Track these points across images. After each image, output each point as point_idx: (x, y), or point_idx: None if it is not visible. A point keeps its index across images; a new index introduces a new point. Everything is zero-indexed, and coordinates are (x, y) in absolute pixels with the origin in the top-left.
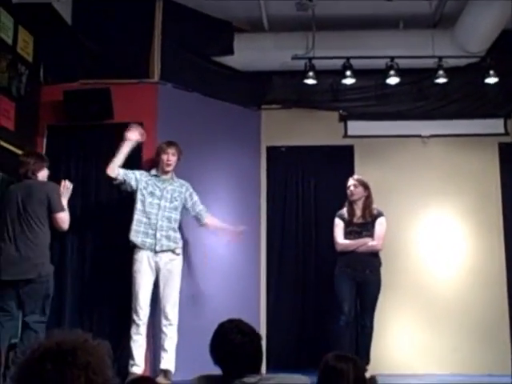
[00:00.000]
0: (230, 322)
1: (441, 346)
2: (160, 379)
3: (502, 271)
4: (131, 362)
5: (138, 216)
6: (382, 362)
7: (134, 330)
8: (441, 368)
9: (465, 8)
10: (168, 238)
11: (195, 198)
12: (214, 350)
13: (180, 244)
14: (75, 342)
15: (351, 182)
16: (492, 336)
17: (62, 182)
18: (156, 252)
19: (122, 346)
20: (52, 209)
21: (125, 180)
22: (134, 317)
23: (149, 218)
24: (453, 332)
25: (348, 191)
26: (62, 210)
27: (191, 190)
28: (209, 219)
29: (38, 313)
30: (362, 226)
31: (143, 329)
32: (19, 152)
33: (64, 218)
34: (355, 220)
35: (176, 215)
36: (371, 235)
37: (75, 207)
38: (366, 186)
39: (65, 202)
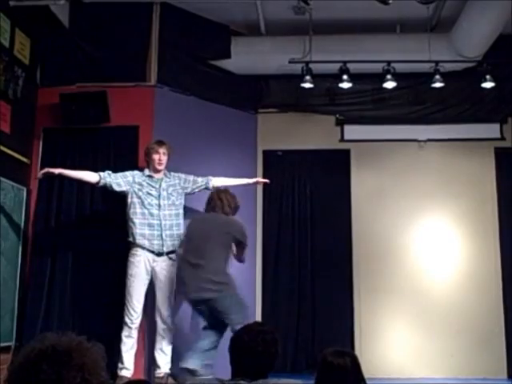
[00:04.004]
0: (258, 327)
1: (436, 350)
2: (171, 382)
3: (497, 275)
4: (120, 365)
5: (139, 220)
6: (377, 365)
7: (125, 332)
8: (436, 372)
9: (462, 12)
10: (172, 236)
11: (190, 177)
12: (236, 352)
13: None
14: (70, 344)
15: None
16: (487, 340)
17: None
18: (161, 254)
19: (114, 349)
20: None
21: (107, 186)
22: (127, 320)
23: (152, 219)
24: (448, 336)
25: None
26: None
27: (183, 175)
28: (215, 181)
29: None
30: None
31: (135, 332)
32: (15, 155)
33: None
34: None
35: (177, 210)
36: None
37: (70, 210)
38: None
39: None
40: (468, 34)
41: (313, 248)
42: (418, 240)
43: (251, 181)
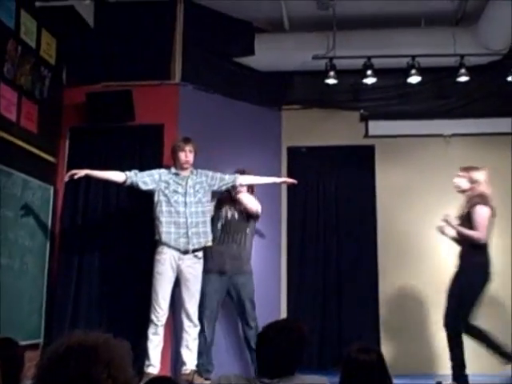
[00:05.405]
0: (285, 324)
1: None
2: (197, 379)
3: None
4: (147, 362)
5: (165, 218)
6: (403, 362)
7: (151, 330)
8: None
9: (487, 5)
10: (198, 234)
11: (217, 175)
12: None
13: (210, 237)
14: (96, 340)
15: None
16: None
17: None
18: (187, 252)
19: (140, 346)
20: None
21: (134, 185)
22: (153, 317)
23: (178, 217)
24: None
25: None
26: None
27: (210, 173)
28: (242, 179)
29: None
30: None
31: (161, 329)
32: (42, 154)
33: None
34: None
35: (203, 207)
36: None
37: (97, 208)
38: None
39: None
40: (494, 27)
41: (338, 244)
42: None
43: (278, 180)
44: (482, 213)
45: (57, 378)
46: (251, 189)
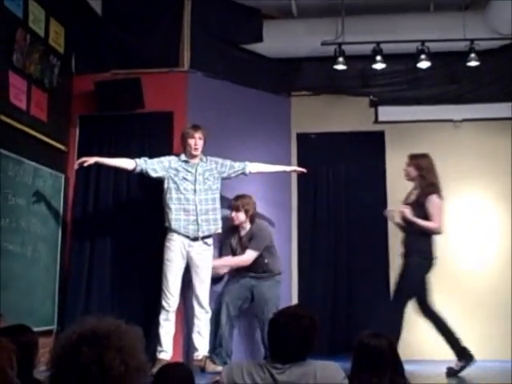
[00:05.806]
0: (295, 311)
1: (474, 332)
2: (209, 365)
3: None
4: (159, 348)
5: (175, 205)
6: (413, 348)
7: (163, 316)
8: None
9: None
10: (208, 221)
11: (227, 162)
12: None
13: (220, 225)
14: (108, 327)
15: None
16: None
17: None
18: (197, 239)
19: (152, 332)
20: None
21: (143, 172)
22: (164, 303)
23: (187, 204)
24: (486, 318)
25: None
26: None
27: (220, 160)
28: (252, 167)
29: None
30: None
31: (172, 315)
32: (52, 142)
33: None
34: None
35: (213, 194)
36: None
37: (108, 196)
38: None
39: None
40: (504, 11)
41: (348, 230)
42: (454, 220)
43: (288, 169)
44: (437, 203)
45: (70, 365)
46: (251, 218)
